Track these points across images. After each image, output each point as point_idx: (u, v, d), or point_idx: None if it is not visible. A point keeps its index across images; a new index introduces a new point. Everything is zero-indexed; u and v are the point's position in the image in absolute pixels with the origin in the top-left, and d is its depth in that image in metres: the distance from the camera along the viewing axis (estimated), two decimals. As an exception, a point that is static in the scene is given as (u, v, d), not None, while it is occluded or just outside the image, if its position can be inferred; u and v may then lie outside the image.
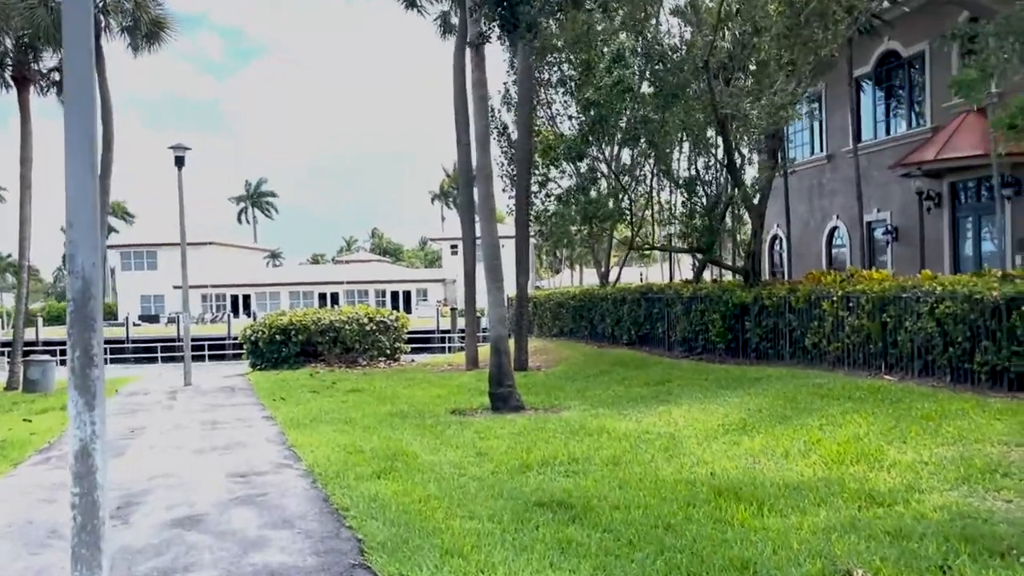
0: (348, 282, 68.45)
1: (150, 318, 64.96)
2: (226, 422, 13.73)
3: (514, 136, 22.45)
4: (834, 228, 26.50)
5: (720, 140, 18.73)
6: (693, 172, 19.45)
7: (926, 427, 9.44)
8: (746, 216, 19.73)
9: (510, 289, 20.68)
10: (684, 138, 19.15)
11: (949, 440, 8.86)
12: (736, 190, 18.19)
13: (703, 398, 13.05)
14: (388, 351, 25.53)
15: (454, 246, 73.40)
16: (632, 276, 63.70)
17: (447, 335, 47.29)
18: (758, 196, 18.12)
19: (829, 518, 6.60)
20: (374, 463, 9.27)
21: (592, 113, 18.55)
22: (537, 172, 22.84)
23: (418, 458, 9.60)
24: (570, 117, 22.58)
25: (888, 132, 24.63)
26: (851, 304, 14.61)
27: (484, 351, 24.88)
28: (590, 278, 76.67)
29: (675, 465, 8.67)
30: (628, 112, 18.11)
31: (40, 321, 50.91)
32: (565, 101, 24.19)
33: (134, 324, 54.56)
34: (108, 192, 22.89)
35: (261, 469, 9.44)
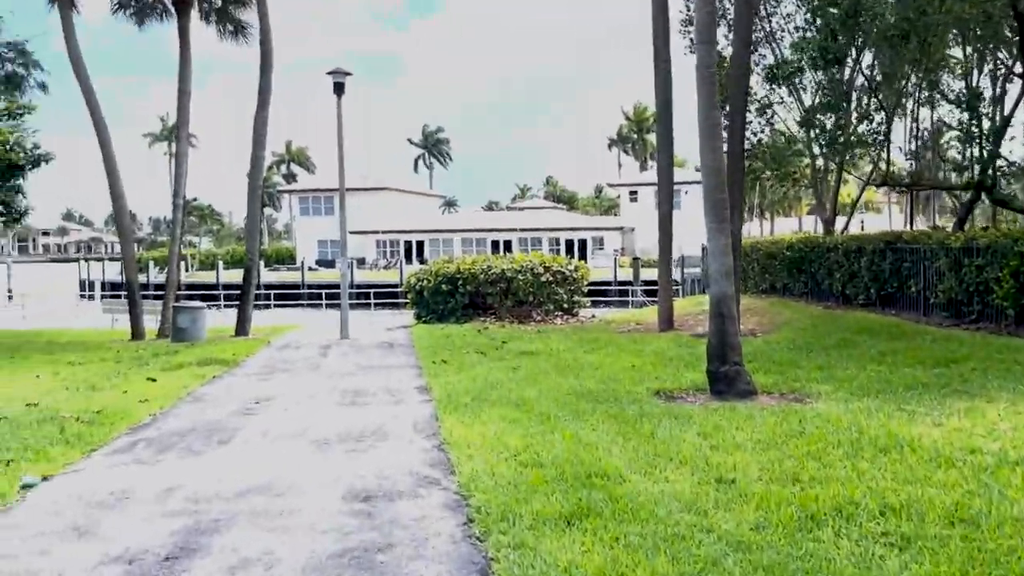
0: (522, 229, 65.85)
1: (327, 263, 65.03)
2: (371, 394, 10.98)
3: (727, 53, 18.51)
4: None
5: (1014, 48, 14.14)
6: (971, 85, 14.86)
7: None
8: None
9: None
10: (960, 41, 14.59)
11: None
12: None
13: (1029, 392, 9.05)
14: (565, 304, 22.39)
15: (633, 192, 69.44)
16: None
17: (629, 287, 43.74)
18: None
19: None
20: (561, 492, 6.08)
21: (844, 3, 14.26)
22: (754, 99, 18.83)
23: (625, 483, 6.33)
24: (797, 28, 18.29)
25: None
26: None
27: (680, 307, 21.32)
28: (780, 229, 70.71)
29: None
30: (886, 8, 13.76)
31: (221, 264, 51.43)
32: (788, 15, 19.88)
33: (310, 269, 54.30)
34: (266, 123, 20.77)
35: (395, 487, 6.44)
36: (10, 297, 32.58)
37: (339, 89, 19.12)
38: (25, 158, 16.06)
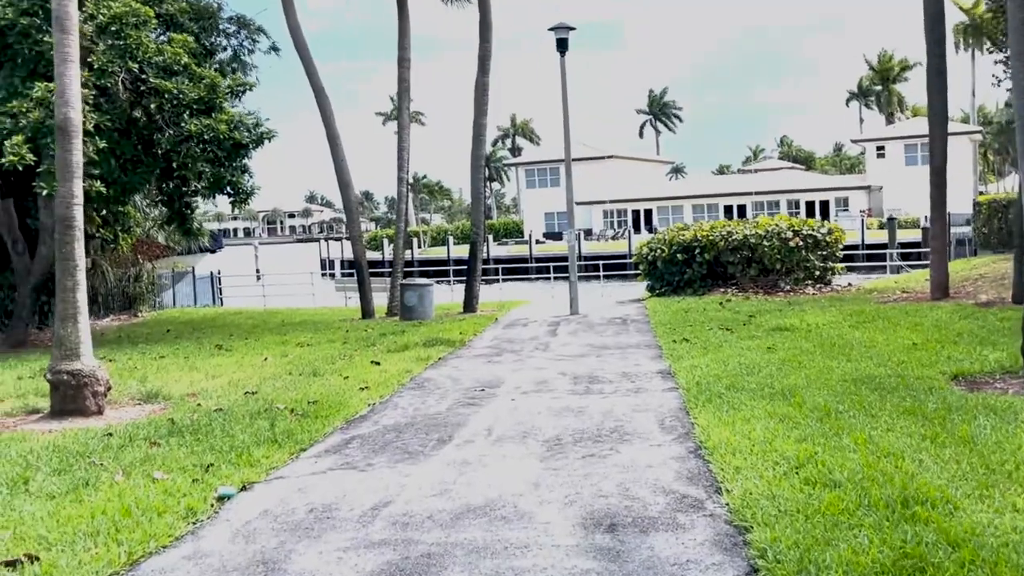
0: (756, 192, 62.17)
1: (554, 235, 64.73)
2: (607, 380, 9.69)
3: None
4: None
5: None
6: None
7: None
8: None
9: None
10: None
11: None
12: None
13: None
14: (817, 272, 20.03)
15: (880, 148, 63.64)
16: None
17: (880, 251, 39.74)
18: None
19: None
20: (872, 527, 4.48)
21: None
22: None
23: (958, 514, 4.64)
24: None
25: None
26: None
27: (953, 271, 18.43)
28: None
29: None
30: None
31: (451, 240, 52.24)
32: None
33: (537, 241, 54.09)
34: (486, 90, 19.96)
35: (646, 511, 5.08)
36: (258, 277, 34.53)
37: (562, 46, 17.93)
38: (248, 137, 16.05)
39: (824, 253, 20.08)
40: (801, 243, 19.34)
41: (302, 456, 6.80)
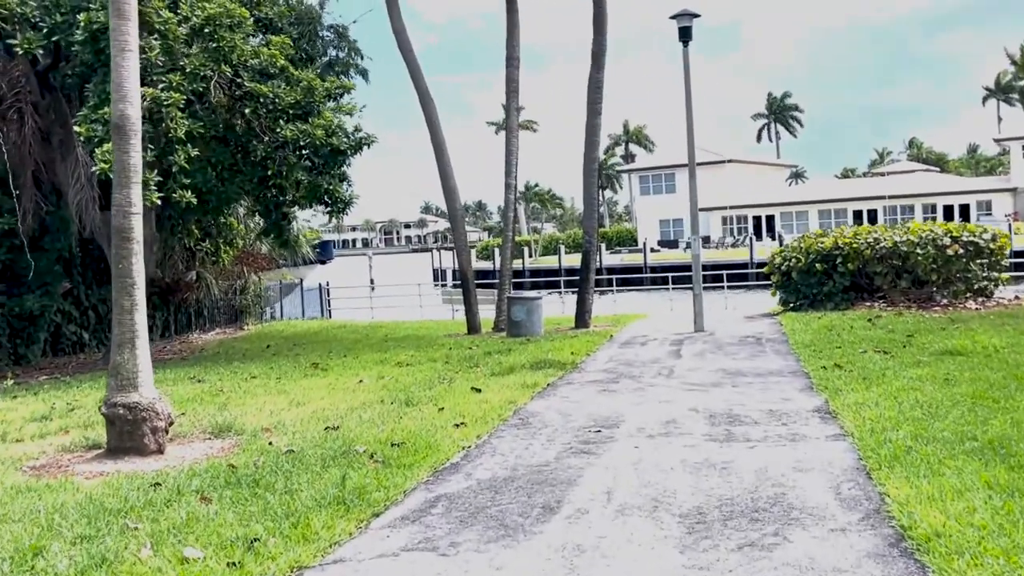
0: (890, 196, 58.19)
1: (669, 243, 62.32)
2: (751, 420, 7.94)
3: None
4: None
5: None
6: None
7: None
8: None
9: None
10: None
11: None
12: None
13: None
14: (977, 284, 17.53)
15: (1029, 145, 58.67)
16: None
17: (1038, 258, 36.04)
18: None
19: None
20: None
21: None
22: None
23: None
24: None
25: None
26: None
27: None
28: None
29: None
30: None
31: (562, 249, 50.67)
32: None
33: (652, 250, 51.92)
34: (600, 87, 18.36)
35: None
36: (372, 287, 34.02)
37: (685, 35, 16.21)
38: (347, 143, 14.98)
39: (986, 262, 17.59)
40: (961, 250, 16.93)
41: (372, 525, 5.38)
